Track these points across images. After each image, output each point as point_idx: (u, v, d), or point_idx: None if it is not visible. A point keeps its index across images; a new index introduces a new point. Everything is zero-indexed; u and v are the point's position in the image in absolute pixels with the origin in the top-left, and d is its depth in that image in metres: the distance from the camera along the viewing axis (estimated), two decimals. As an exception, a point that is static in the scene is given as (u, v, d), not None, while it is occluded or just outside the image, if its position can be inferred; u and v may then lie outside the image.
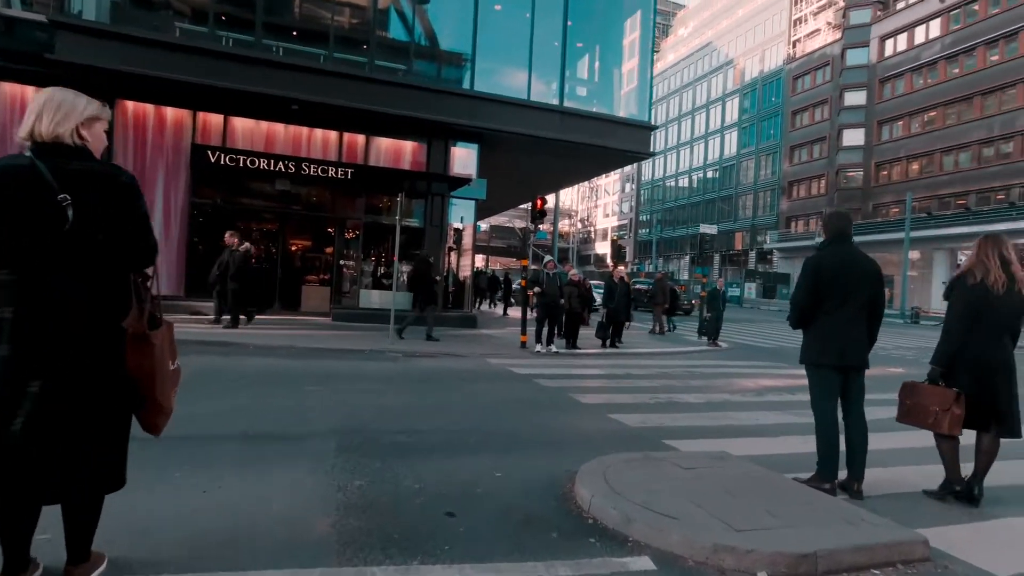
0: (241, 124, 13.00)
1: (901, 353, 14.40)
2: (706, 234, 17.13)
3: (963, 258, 31.54)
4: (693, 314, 28.05)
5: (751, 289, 48.28)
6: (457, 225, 15.29)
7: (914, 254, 36.20)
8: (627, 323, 13.14)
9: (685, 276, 56.29)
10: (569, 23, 15.05)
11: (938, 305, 36.31)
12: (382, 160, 14.00)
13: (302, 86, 12.44)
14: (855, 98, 43.60)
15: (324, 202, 14.38)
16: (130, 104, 12.27)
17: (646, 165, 70.72)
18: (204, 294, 12.49)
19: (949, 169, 37.73)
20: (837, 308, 3.71)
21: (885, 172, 42.25)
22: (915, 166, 39.85)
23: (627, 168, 72.20)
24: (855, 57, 43.72)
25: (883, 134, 42.07)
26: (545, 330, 10.88)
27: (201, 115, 12.69)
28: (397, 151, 14.20)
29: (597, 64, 16.90)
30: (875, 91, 42.47)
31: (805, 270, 3.86)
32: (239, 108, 12.78)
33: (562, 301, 10.93)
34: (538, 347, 10.75)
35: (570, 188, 65.86)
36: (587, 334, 12.27)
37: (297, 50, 12.82)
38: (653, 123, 15.93)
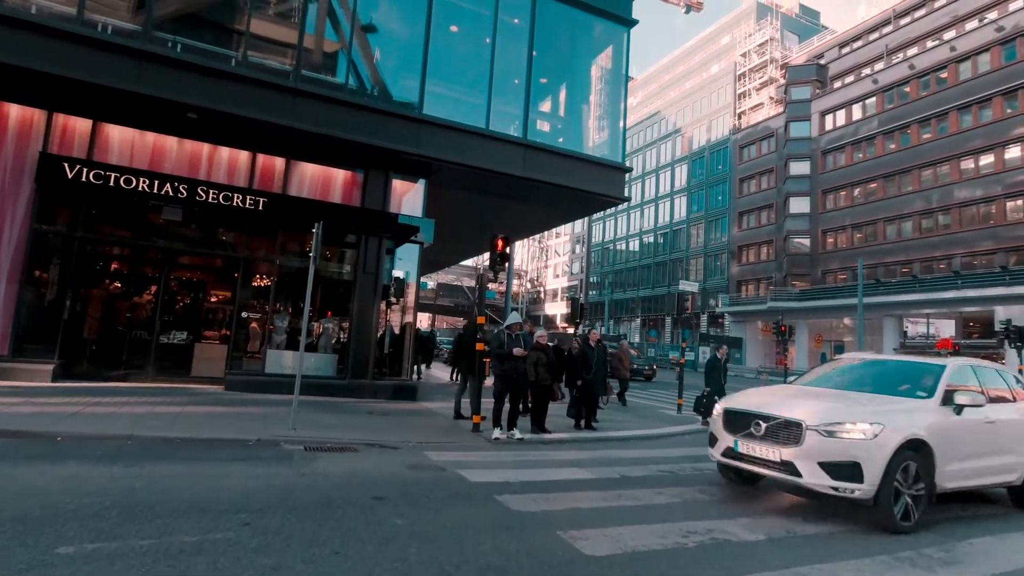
0: (118, 133, 10.14)
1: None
2: (685, 291, 15.12)
3: (909, 326, 31.35)
4: (656, 380, 26.10)
5: (705, 352, 47.11)
6: (398, 274, 12.62)
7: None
8: (605, 398, 10.66)
9: (637, 339, 55.00)
10: (534, 53, 13.26)
11: (890, 373, 35.96)
12: (305, 190, 11.35)
13: (204, 91, 9.82)
14: (800, 168, 44.72)
15: (226, 239, 11.45)
16: (-44, 96, 9.28)
17: (596, 226, 70.78)
18: (38, 354, 9.23)
19: (893, 238, 38.44)
20: None
21: (832, 239, 42.86)
22: (860, 234, 40.53)
23: (577, 228, 72.07)
24: (798, 130, 45.20)
25: (828, 203, 42.96)
26: (506, 409, 8.20)
27: (60, 118, 9.77)
28: (325, 180, 11.60)
29: (563, 99, 15.16)
30: (818, 162, 43.70)
31: None
32: (115, 112, 9.96)
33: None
34: (496, 433, 8.02)
35: (520, 246, 64.53)
36: (553, 410, 9.65)
37: (200, 47, 10.27)
38: (627, 165, 14.10)
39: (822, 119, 43.97)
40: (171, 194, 10.01)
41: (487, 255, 11.63)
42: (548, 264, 78.67)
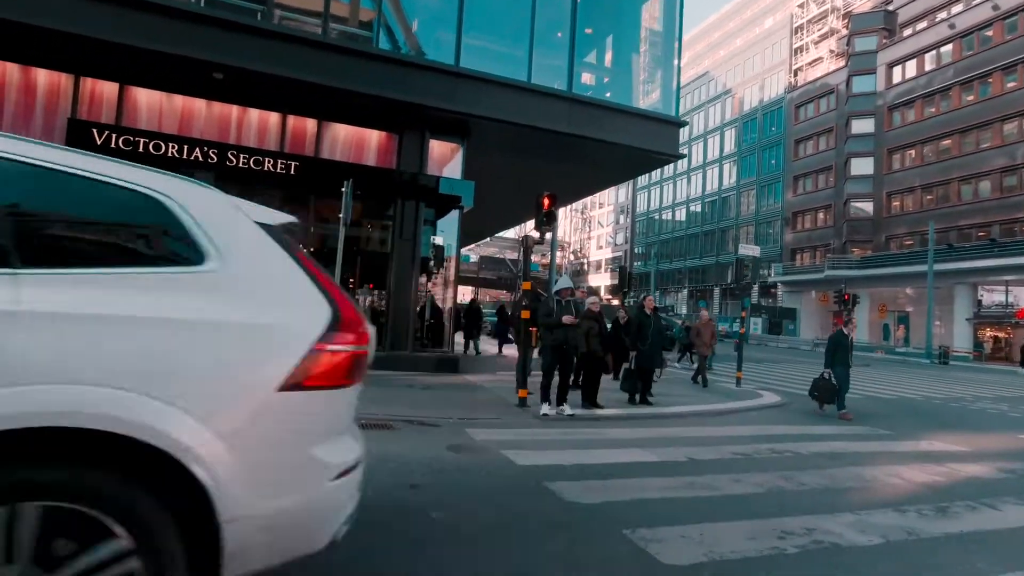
0: (145, 97, 9.76)
1: (983, 404, 11.18)
2: (746, 257, 13.96)
3: (984, 294, 28.41)
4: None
5: (756, 324, 45.25)
6: (437, 241, 12.00)
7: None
8: (659, 372, 9.82)
9: (684, 310, 53.31)
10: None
11: (963, 343, 33.47)
12: (338, 153, 10.78)
13: (229, 48, 9.27)
14: (863, 126, 41.58)
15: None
16: (-15, 63, 9.03)
17: (641, 195, 68.60)
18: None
19: (968, 198, 35.40)
20: None
21: (897, 202, 39.92)
22: (930, 196, 37.53)
23: (621, 198, 70.12)
24: (861, 84, 41.91)
25: (894, 163, 39.91)
26: (556, 383, 7.50)
27: (87, 83, 9.44)
28: (359, 143, 10.99)
29: (610, 50, 14.00)
30: (884, 118, 40.49)
31: None
32: (141, 75, 9.56)
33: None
34: (545, 409, 7.33)
35: (563, 217, 63.01)
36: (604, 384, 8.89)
37: (224, 1, 9.71)
38: (682, 119, 12.93)
39: (889, 72, 40.57)
40: (200, 159, 9.60)
41: (530, 223, 10.83)
42: (591, 235, 77.12)
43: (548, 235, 8.94)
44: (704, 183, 59.47)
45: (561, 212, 44.67)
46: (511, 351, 13.39)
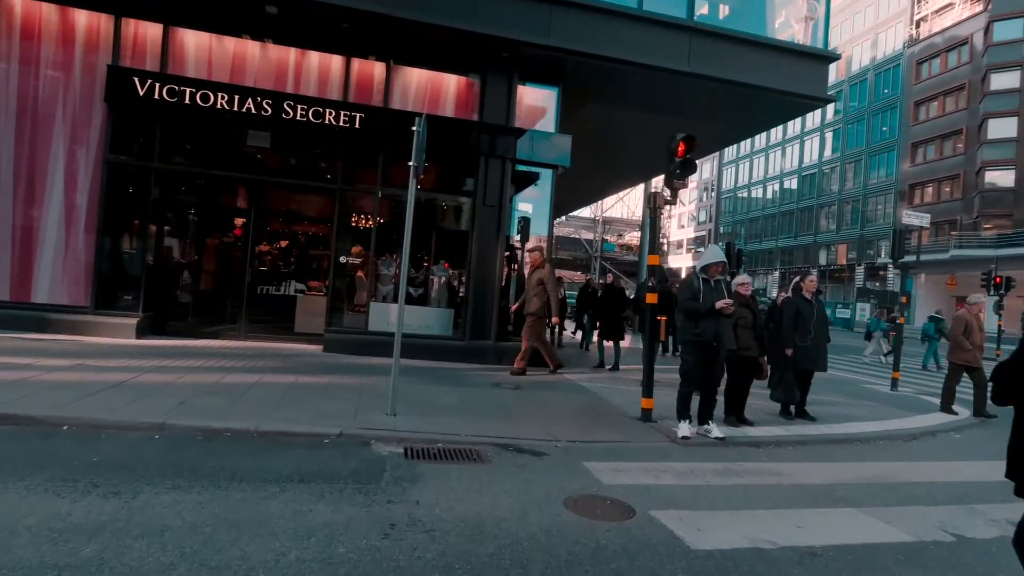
0: (193, 40, 8.38)
1: None
2: (909, 227, 11.16)
3: None
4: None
5: (863, 310, 40.52)
6: (526, 208, 10.08)
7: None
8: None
9: (774, 294, 48.92)
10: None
11: None
12: (411, 103, 9.05)
13: (283, -25, 7.70)
14: (1005, 80, 35.55)
15: (318, 166, 9.51)
16: (18, 2, 7.92)
17: (727, 170, 63.63)
18: (123, 306, 7.98)
19: None
20: None
21: (1048, 170, 34.00)
22: (1093, 161, 31.58)
23: (705, 174, 65.45)
24: (1004, 31, 35.74)
25: (1045, 123, 33.92)
26: (696, 398, 5.47)
27: (129, 24, 8.16)
28: (434, 89, 9.22)
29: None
30: (1034, 71, 34.41)
31: None
32: (188, 13, 8.18)
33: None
34: (683, 429, 5.32)
35: (638, 194, 58.65)
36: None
37: (276, -81, 8.14)
38: (833, 51, 10.25)
39: (1042, 15, 34.33)
40: (253, 111, 8.15)
41: (629, 193, 8.67)
42: (672, 214, 72.88)
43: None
44: (801, 155, 54.03)
45: (637, 187, 41.71)
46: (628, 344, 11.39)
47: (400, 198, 9.10)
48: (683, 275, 6.71)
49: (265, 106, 8.18)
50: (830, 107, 50.69)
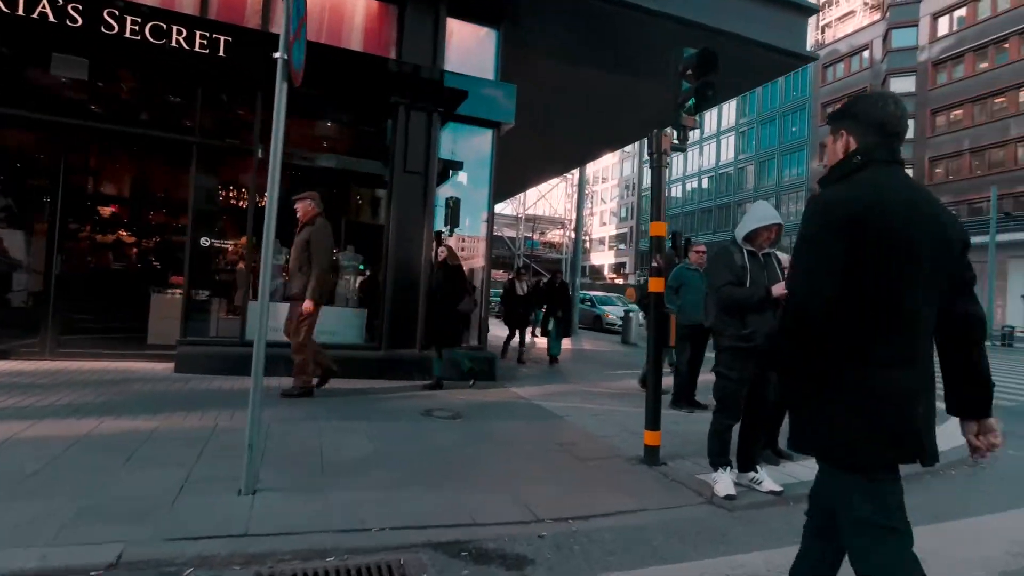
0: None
1: None
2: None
3: None
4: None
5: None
6: (460, 182, 7.93)
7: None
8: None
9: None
10: None
11: (1017, 321, 30.11)
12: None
13: None
14: (902, 84, 37.61)
15: (164, 110, 6.89)
16: None
17: (647, 170, 64.38)
18: None
19: (1027, 162, 31.75)
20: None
21: (941, 169, 36.20)
22: (978, 161, 33.86)
23: (626, 172, 65.95)
24: (902, 38, 37.91)
25: (938, 124, 36.11)
26: (735, 429, 3.62)
27: None
28: (334, 15, 6.89)
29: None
30: (928, 76, 36.58)
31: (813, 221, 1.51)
32: None
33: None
34: (723, 482, 3.44)
35: (561, 193, 57.69)
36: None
37: None
38: (813, 2, 8.93)
39: (934, 23, 36.54)
40: (54, 19, 5.48)
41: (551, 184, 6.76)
42: (594, 212, 73.05)
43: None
44: (718, 154, 55.47)
45: (560, 185, 40.51)
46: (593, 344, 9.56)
47: (291, 161, 6.70)
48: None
49: (72, 12, 5.54)
50: (744, 107, 52.28)
